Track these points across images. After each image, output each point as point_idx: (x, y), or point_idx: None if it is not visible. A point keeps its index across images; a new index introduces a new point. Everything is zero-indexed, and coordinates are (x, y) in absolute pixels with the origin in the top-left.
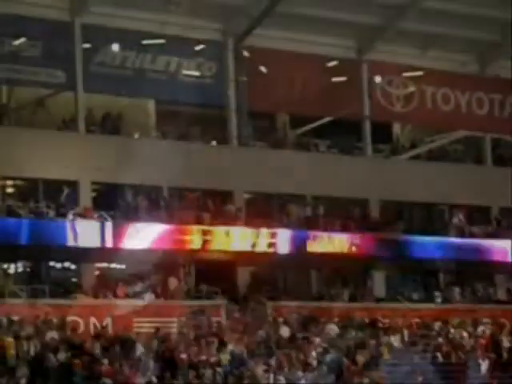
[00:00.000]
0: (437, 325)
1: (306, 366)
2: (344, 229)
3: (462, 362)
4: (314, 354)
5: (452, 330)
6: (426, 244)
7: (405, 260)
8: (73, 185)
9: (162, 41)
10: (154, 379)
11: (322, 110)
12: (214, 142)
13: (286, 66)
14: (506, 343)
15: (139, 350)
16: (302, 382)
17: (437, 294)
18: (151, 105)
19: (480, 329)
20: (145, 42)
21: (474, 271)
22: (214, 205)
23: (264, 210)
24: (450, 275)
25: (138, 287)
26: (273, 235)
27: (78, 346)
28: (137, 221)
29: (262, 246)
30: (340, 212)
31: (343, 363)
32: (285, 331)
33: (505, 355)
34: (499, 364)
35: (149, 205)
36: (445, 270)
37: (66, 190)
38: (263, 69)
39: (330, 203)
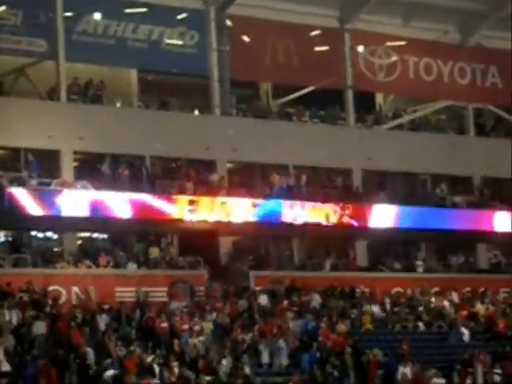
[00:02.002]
0: (418, 294)
1: (286, 335)
2: (326, 199)
3: (444, 331)
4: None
5: (433, 299)
6: (409, 214)
7: (388, 230)
8: (55, 154)
9: (144, 9)
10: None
11: (305, 79)
12: (196, 112)
13: (269, 35)
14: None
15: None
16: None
17: (418, 263)
18: (133, 74)
19: (461, 298)
20: (127, 10)
21: (456, 241)
22: (196, 174)
23: (246, 179)
24: (431, 245)
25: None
26: (255, 205)
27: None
28: (119, 190)
29: (244, 216)
30: (323, 182)
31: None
32: (263, 300)
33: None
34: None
35: (131, 174)
36: (426, 239)
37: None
38: (246, 38)
39: (313, 173)
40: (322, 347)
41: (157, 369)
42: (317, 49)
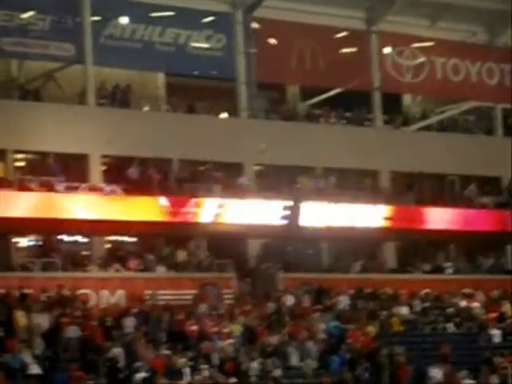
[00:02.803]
0: (447, 295)
1: (314, 338)
2: (354, 200)
3: (473, 332)
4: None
5: (463, 301)
6: (438, 215)
7: (416, 231)
8: (83, 158)
9: (170, 13)
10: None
11: (332, 81)
12: (224, 115)
13: (296, 37)
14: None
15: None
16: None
17: (447, 264)
18: (161, 77)
19: (490, 299)
20: (154, 14)
21: (485, 242)
22: (224, 177)
23: (274, 182)
24: (460, 246)
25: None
26: (284, 208)
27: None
28: (148, 194)
29: (272, 219)
30: (351, 183)
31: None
32: (291, 302)
33: None
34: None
35: (159, 178)
36: (455, 241)
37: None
38: (273, 40)
39: (341, 175)
40: (351, 349)
41: (186, 371)
42: (343, 51)
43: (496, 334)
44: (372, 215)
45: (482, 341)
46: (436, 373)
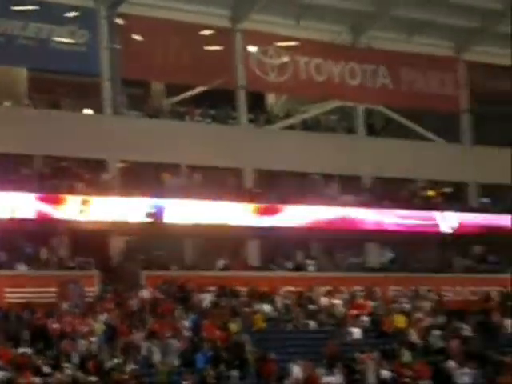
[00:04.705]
0: (309, 293)
1: (177, 335)
2: (218, 198)
3: (334, 330)
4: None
5: (324, 298)
6: (300, 213)
7: (279, 229)
8: None
9: (33, 7)
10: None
11: (197, 79)
12: (88, 111)
13: (161, 34)
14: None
15: None
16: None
17: (309, 262)
18: (23, 72)
19: (351, 297)
20: (16, 8)
21: (346, 240)
22: (88, 174)
23: (139, 179)
24: (322, 244)
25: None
26: (148, 205)
27: None
28: (5, 190)
29: (136, 216)
30: (215, 181)
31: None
32: (155, 300)
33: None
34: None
35: (20, 173)
36: (317, 238)
37: None
38: (137, 37)
39: (205, 173)
40: (214, 346)
41: (47, 370)
42: (208, 48)
43: (356, 330)
44: (236, 213)
45: (343, 337)
46: (297, 369)
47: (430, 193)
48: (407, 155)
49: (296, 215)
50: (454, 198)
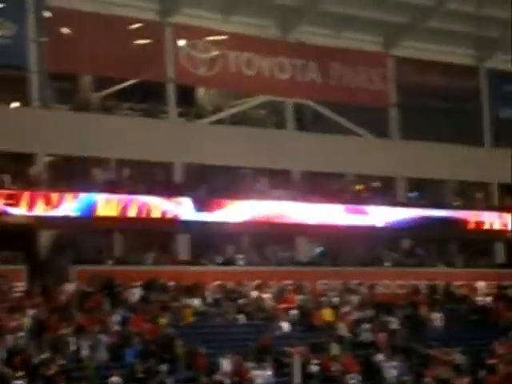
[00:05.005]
0: (239, 287)
1: (105, 330)
2: (148, 192)
3: (263, 324)
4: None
5: (253, 292)
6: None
7: (210, 224)
8: None
9: None
10: None
11: (126, 72)
12: (15, 104)
13: (89, 27)
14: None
15: None
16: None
17: (239, 256)
18: None
19: (280, 291)
20: None
21: (276, 234)
22: (15, 168)
23: (67, 173)
24: (252, 238)
25: None
26: (75, 199)
27: None
28: None
29: (64, 210)
30: (145, 175)
31: None
32: (83, 294)
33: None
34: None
35: None
36: (247, 233)
37: None
38: (65, 30)
39: (135, 167)
40: (143, 341)
41: None
42: (138, 42)
43: (285, 324)
44: (166, 207)
45: (272, 331)
46: (226, 363)
47: (359, 187)
48: (336, 150)
49: (226, 209)
50: (383, 193)
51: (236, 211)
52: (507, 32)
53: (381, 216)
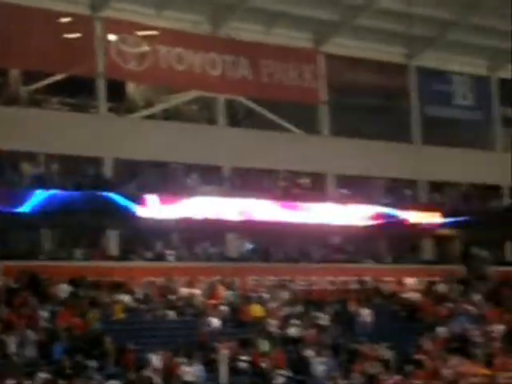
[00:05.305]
0: (169, 283)
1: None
2: (78, 187)
3: (193, 320)
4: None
5: (183, 288)
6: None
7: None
8: None
9: None
10: None
11: (55, 66)
12: None
13: (18, 20)
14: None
15: None
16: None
17: (169, 252)
18: None
19: (210, 287)
20: None
21: (206, 230)
22: None
23: None
24: (182, 234)
25: None
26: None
27: None
28: None
29: None
30: (74, 171)
31: None
32: (11, 290)
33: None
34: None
35: None
36: (178, 229)
37: None
38: None
39: (64, 162)
40: (72, 337)
41: None
42: (68, 36)
43: (215, 320)
44: (94, 202)
45: (202, 327)
46: (156, 359)
47: (289, 183)
48: (267, 146)
49: (157, 205)
50: (313, 189)
51: (166, 207)
52: (437, 30)
53: (310, 212)
